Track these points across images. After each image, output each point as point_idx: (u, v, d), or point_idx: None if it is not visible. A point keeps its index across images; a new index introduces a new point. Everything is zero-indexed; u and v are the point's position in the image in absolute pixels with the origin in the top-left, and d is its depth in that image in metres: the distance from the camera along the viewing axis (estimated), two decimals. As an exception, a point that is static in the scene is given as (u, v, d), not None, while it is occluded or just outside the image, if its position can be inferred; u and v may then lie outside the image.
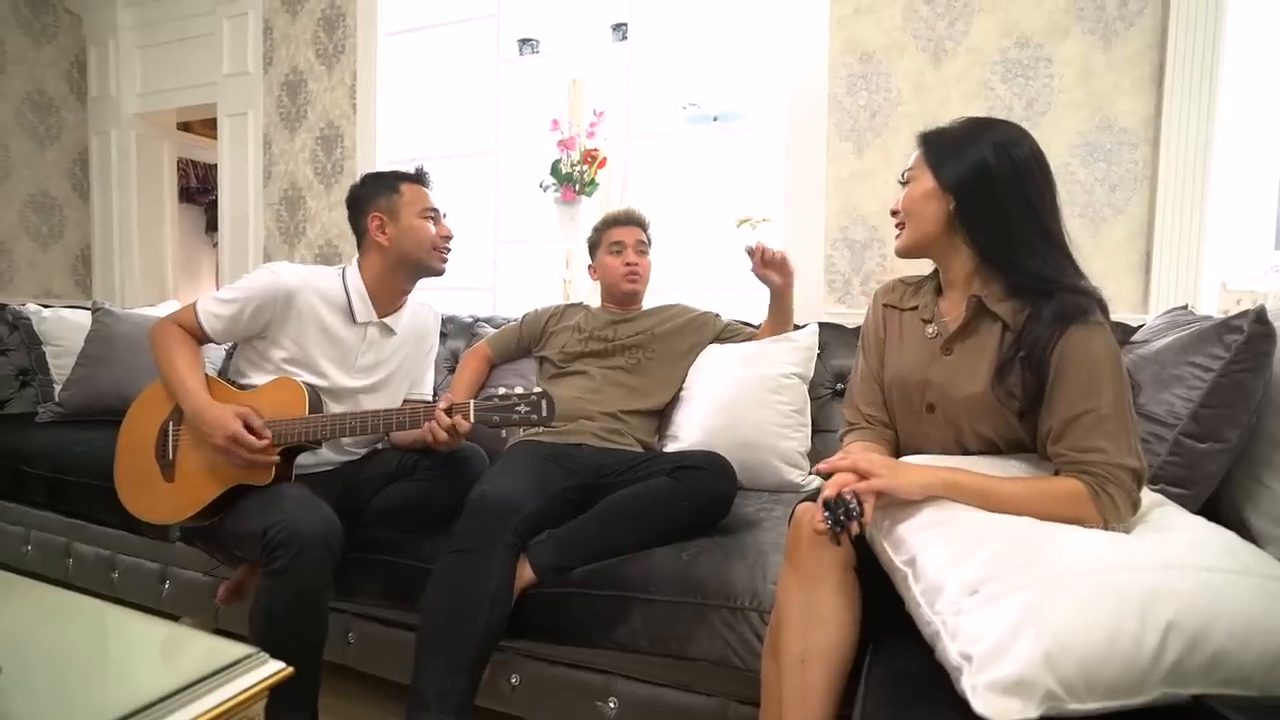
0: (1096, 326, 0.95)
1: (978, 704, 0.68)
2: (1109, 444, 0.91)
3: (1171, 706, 0.70)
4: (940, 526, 0.89)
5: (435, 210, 1.60)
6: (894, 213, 1.14)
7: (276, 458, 1.38)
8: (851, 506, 0.91)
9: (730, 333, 1.89)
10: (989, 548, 0.82)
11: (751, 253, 1.74)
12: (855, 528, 0.91)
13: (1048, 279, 0.99)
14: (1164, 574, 0.74)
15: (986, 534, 0.85)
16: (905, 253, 1.14)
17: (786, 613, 1.00)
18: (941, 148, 1.08)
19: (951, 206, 1.05)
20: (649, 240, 1.92)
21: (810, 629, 0.97)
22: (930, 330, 1.12)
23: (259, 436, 1.36)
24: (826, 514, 0.92)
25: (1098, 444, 0.91)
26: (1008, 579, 0.76)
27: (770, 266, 1.75)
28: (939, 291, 1.15)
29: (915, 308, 1.16)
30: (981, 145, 1.03)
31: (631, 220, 1.91)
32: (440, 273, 1.62)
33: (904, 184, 1.13)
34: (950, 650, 0.75)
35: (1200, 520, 0.91)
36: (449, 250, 1.62)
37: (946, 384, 1.07)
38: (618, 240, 1.88)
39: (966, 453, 1.07)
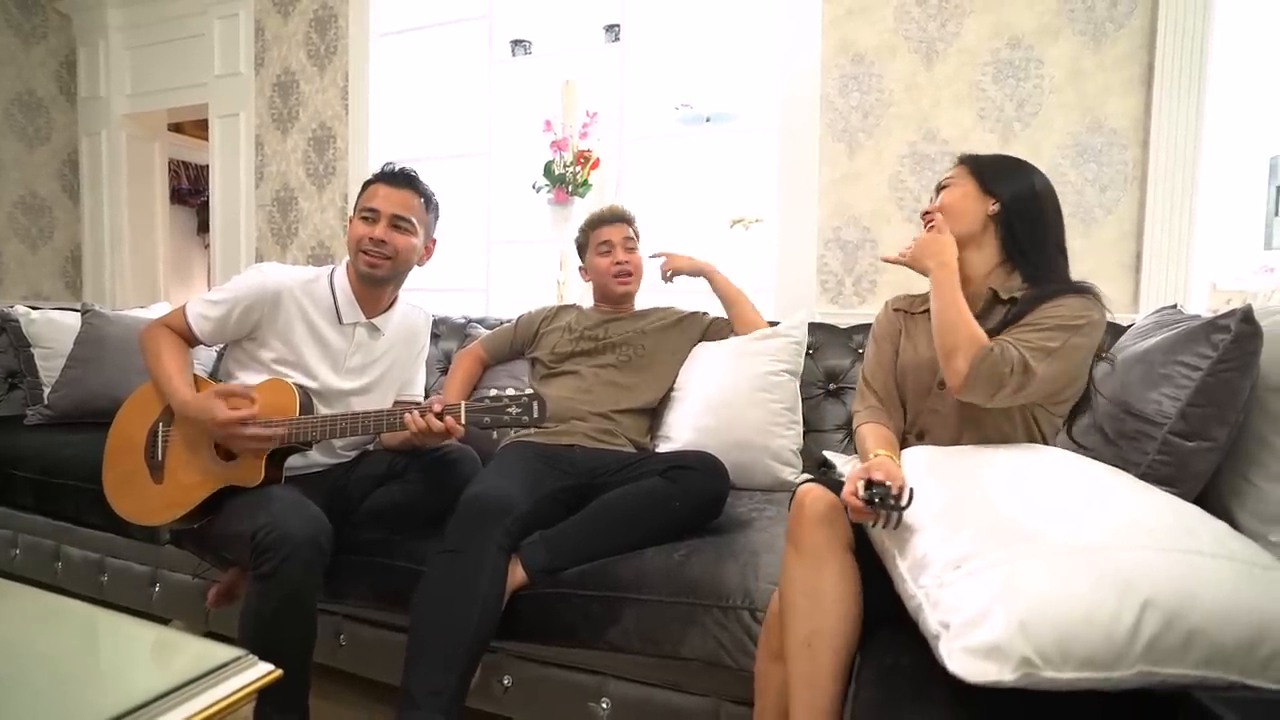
0: (1093, 299, 1.10)
1: (953, 666, 0.70)
2: (1029, 352, 1.03)
3: (1159, 699, 0.71)
4: (929, 477, 0.97)
5: (374, 210, 1.50)
6: (926, 214, 1.26)
7: (281, 430, 1.37)
8: (892, 495, 0.91)
9: (717, 329, 1.89)
10: (974, 526, 0.85)
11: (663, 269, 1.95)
12: (896, 518, 0.92)
13: (1061, 280, 1.16)
14: (1144, 554, 0.75)
15: (974, 508, 0.89)
16: None
17: (791, 596, 1.02)
18: (985, 165, 1.24)
19: (994, 208, 1.19)
20: (637, 234, 1.91)
21: (816, 612, 0.99)
22: None
23: (248, 402, 1.37)
24: (867, 492, 0.93)
25: (1024, 340, 1.05)
26: (989, 556, 0.78)
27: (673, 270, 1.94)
28: None
29: (927, 311, 1.24)
30: (1030, 174, 1.21)
31: (616, 217, 1.89)
32: (368, 278, 1.52)
33: (938, 191, 1.27)
34: (930, 619, 0.78)
35: (1192, 509, 0.90)
36: (376, 254, 1.49)
37: None
38: (605, 240, 1.87)
39: (968, 428, 1.18)
